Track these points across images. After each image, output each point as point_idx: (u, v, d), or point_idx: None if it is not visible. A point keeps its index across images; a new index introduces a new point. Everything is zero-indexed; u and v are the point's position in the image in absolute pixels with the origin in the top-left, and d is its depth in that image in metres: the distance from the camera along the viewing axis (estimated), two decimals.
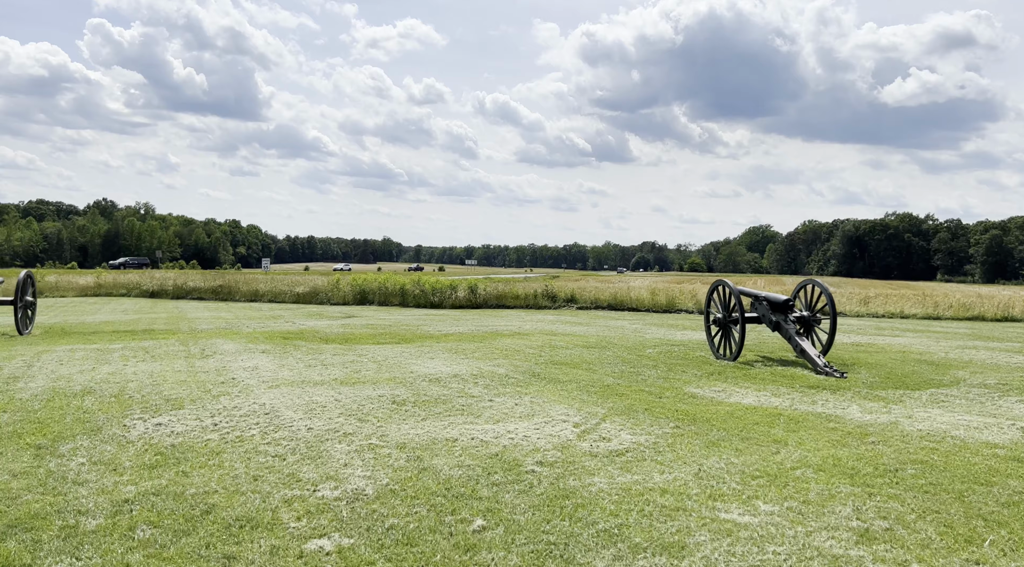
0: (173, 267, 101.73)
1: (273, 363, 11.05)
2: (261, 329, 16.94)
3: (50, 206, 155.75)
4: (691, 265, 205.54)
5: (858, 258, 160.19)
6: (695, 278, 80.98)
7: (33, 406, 7.68)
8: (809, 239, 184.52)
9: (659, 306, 24.95)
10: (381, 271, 77.82)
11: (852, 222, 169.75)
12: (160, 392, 8.50)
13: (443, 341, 14.43)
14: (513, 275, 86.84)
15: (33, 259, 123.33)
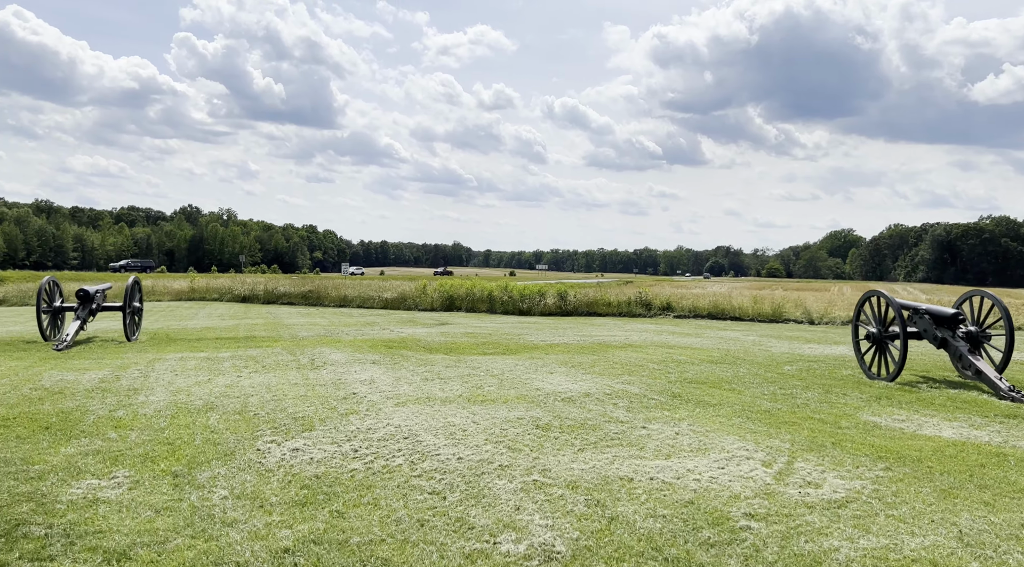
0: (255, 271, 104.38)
1: (388, 376, 10.51)
2: (361, 337, 16.56)
3: (140, 212, 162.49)
4: (769, 270, 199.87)
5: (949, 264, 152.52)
6: (775, 283, 78.21)
7: (159, 424, 7.27)
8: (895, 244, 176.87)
9: (764, 315, 23.62)
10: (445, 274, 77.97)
11: (943, 226, 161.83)
12: (284, 409, 8.01)
13: (552, 352, 13.69)
14: (584, 280, 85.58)
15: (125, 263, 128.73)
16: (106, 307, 15.73)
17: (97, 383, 9.57)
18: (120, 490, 5.28)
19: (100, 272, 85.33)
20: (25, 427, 7.07)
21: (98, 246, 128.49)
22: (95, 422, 7.34)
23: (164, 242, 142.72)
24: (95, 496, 5.13)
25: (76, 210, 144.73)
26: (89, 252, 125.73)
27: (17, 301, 31.89)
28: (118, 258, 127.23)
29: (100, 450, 6.29)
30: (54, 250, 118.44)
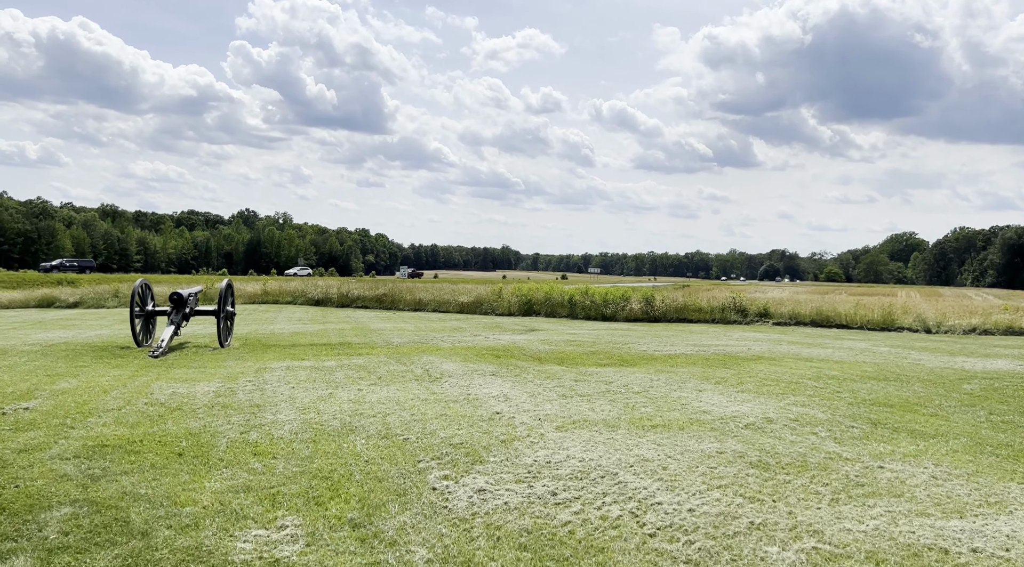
0: (313, 274, 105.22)
1: (518, 391, 9.47)
2: (458, 344, 15.59)
3: (199, 216, 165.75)
4: (828, 274, 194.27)
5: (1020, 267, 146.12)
6: (836, 288, 75.10)
7: (302, 451, 6.33)
8: (961, 247, 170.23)
9: (874, 323, 21.99)
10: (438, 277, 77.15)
11: (1013, 229, 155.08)
12: (431, 432, 7.03)
13: (677, 365, 12.50)
14: (638, 283, 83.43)
15: (185, 266, 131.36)
16: (199, 311, 15.06)
17: (213, 398, 8.74)
18: (297, 546, 4.31)
19: (160, 275, 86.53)
20: (156, 453, 6.21)
21: (160, 249, 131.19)
22: (230, 448, 6.45)
23: (223, 245, 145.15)
24: (273, 556, 4.16)
25: (139, 214, 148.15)
26: (152, 255, 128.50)
27: (93, 303, 31.89)
28: (167, 260, 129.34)
29: (250, 486, 5.36)
30: (119, 253, 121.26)
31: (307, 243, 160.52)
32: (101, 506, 4.85)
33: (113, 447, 6.39)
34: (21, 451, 6.19)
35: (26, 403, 8.17)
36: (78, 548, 4.20)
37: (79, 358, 12.38)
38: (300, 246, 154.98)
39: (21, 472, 5.56)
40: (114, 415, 7.71)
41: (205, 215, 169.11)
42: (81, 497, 5.02)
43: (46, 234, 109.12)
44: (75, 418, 7.52)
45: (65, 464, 5.83)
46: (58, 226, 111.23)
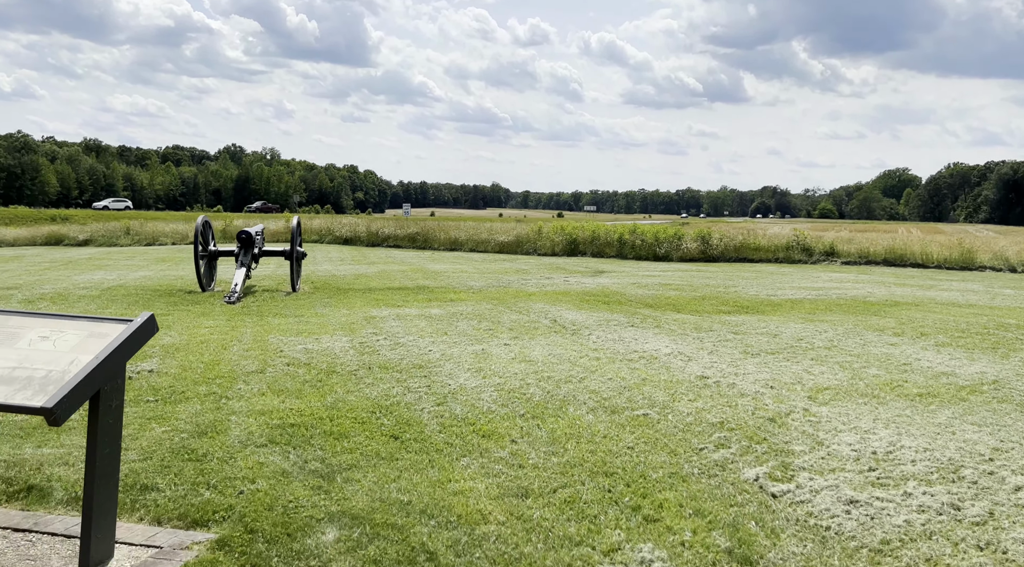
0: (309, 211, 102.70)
1: (687, 347, 8.24)
2: (545, 288, 14.30)
3: (185, 152, 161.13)
4: (821, 211, 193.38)
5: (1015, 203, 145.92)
6: (837, 225, 73.59)
7: (532, 430, 5.07)
8: (956, 183, 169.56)
9: (951, 261, 20.87)
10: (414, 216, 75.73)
11: (1009, 164, 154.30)
12: (663, 404, 5.78)
13: (817, 311, 11.30)
14: (637, 221, 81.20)
15: (174, 203, 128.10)
16: (268, 252, 13.63)
17: (356, 356, 7.44)
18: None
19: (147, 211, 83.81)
20: (366, 436, 4.93)
21: (147, 185, 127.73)
22: (445, 427, 5.19)
23: (211, 181, 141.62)
24: None
25: (123, 149, 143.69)
26: (139, 191, 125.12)
27: (104, 241, 30.21)
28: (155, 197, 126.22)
29: (527, 488, 4.11)
30: (105, 189, 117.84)
31: (296, 180, 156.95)
32: (371, 524, 3.60)
33: (302, 427, 5.11)
34: (198, 434, 4.89)
35: (143, 364, 6.84)
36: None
37: (151, 305, 10.99)
38: (289, 182, 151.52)
39: (226, 469, 4.28)
40: (261, 380, 6.41)
41: (191, 150, 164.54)
42: (336, 510, 3.76)
43: (30, 169, 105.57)
44: (218, 384, 6.22)
45: (270, 455, 4.55)
46: (42, 161, 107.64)
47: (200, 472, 4.22)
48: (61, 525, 3.55)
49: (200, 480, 4.09)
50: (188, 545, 3.37)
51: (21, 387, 3.04)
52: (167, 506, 3.76)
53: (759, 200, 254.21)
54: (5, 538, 3.42)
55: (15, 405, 2.95)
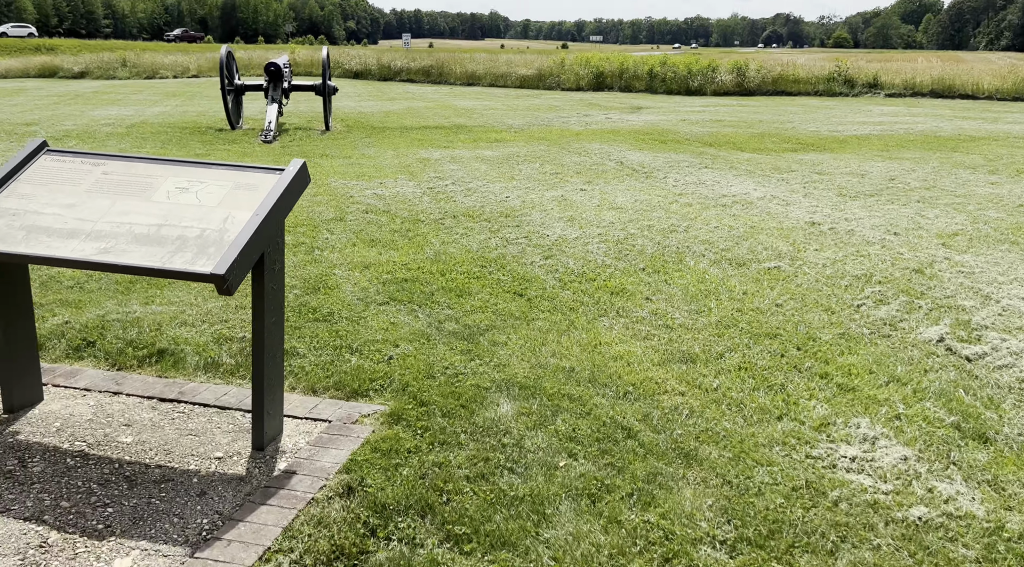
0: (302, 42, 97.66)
1: (772, 189, 7.74)
2: (588, 127, 13.53)
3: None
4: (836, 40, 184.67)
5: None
6: (852, 54, 69.36)
7: (666, 289, 4.70)
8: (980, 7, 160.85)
9: (1004, 92, 19.82)
10: None
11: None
12: (786, 254, 5.38)
13: (889, 148, 10.67)
14: (647, 53, 76.89)
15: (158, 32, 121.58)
16: (298, 86, 12.71)
17: (431, 203, 6.96)
18: (963, 488, 2.81)
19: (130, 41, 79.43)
20: (489, 292, 4.56)
21: (129, 12, 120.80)
22: (567, 282, 4.80)
23: (195, 9, 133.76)
24: (946, 510, 2.66)
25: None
26: (121, 19, 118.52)
27: (101, 73, 28.69)
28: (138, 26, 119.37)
29: (691, 354, 3.79)
30: (85, 17, 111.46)
31: (284, 7, 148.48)
32: (545, 395, 3.28)
33: (417, 282, 4.73)
34: (311, 291, 4.51)
35: None
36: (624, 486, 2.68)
37: (186, 144, 10.33)
38: (278, 11, 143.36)
39: (361, 332, 3.92)
40: (345, 228, 5.97)
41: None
42: (500, 378, 3.45)
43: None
44: (302, 233, 5.77)
45: (399, 315, 4.19)
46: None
47: (335, 334, 3.87)
48: (210, 395, 3.23)
49: (340, 344, 3.75)
50: (357, 418, 3.07)
51: (175, 249, 2.60)
52: (317, 373, 3.44)
53: (771, 28, 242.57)
54: (155, 409, 3.11)
55: (176, 270, 2.52)
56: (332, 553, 2.26)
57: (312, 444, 2.88)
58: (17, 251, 2.62)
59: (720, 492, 2.57)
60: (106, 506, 2.48)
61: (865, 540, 2.32)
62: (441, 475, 2.66)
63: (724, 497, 2.54)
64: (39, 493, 2.53)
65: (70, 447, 2.81)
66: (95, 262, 2.57)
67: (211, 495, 2.56)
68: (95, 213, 2.76)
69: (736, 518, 2.42)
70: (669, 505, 2.49)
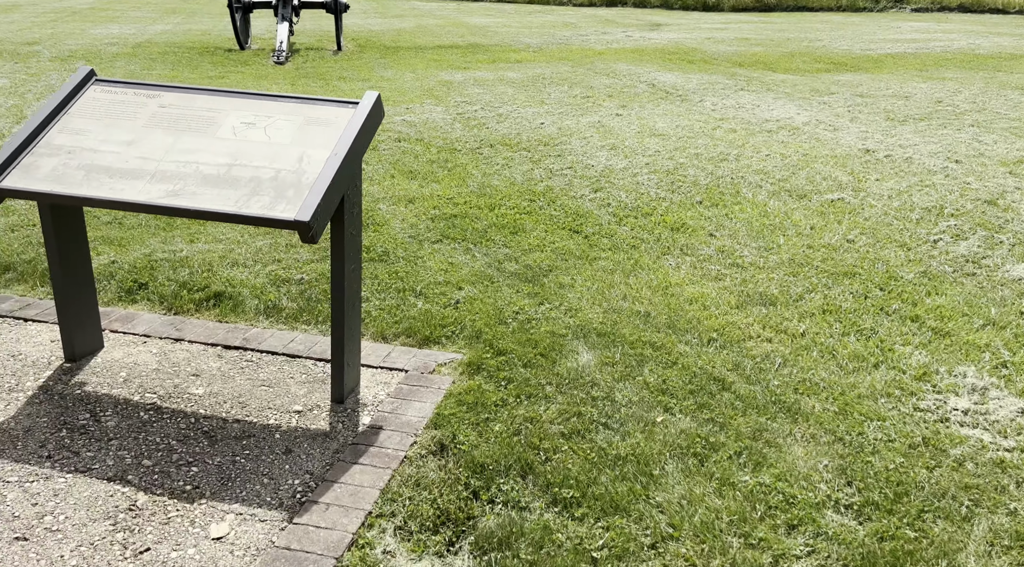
0: None
1: (816, 113, 7.43)
2: (610, 46, 13.00)
3: None
4: None
5: None
6: None
7: (728, 224, 4.50)
8: None
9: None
10: None
11: None
12: (846, 185, 5.14)
13: (927, 67, 10.24)
14: None
15: None
16: (308, 3, 12.13)
17: (463, 130, 6.66)
18: None
19: None
20: (541, 229, 4.36)
21: None
22: (622, 216, 4.60)
23: None
24: None
25: None
26: None
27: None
28: None
29: (771, 295, 3.63)
30: None
31: None
32: (626, 342, 3.13)
33: (467, 218, 4.52)
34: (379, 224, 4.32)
35: None
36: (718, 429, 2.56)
37: (197, 65, 9.90)
38: None
39: (420, 273, 3.74)
40: (380, 158, 5.70)
41: None
42: (574, 323, 3.29)
43: None
44: None
45: (456, 254, 4.00)
46: None
47: (395, 276, 3.70)
48: (276, 342, 3.09)
49: (403, 286, 3.58)
50: (434, 368, 2.93)
51: (250, 192, 2.39)
52: (384, 319, 3.28)
53: None
54: (221, 357, 2.97)
55: (255, 216, 2.32)
56: (437, 518, 2.15)
57: (393, 396, 2.74)
58: (79, 193, 2.42)
59: (833, 450, 2.45)
60: (190, 464, 2.36)
61: (1000, 504, 2.21)
62: (535, 431, 2.53)
63: (838, 456, 2.42)
64: (118, 450, 2.41)
65: (141, 399, 2.67)
66: (165, 206, 2.37)
67: (297, 453, 2.44)
68: (158, 151, 2.54)
69: (857, 479, 2.31)
70: (782, 465, 2.37)
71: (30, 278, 3.55)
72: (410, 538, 2.08)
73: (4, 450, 2.38)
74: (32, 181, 2.47)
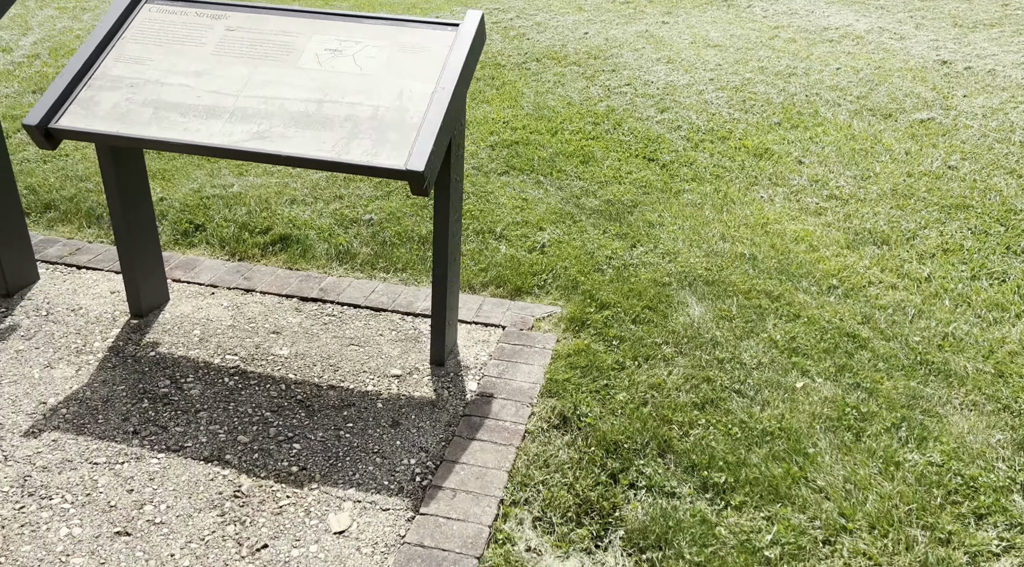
0: None
1: (888, 21, 6.89)
2: None
3: None
4: None
5: None
6: None
7: (816, 150, 4.16)
8: None
9: None
10: None
11: None
12: (954, 107, 4.75)
13: None
14: None
15: None
16: None
17: (506, 43, 6.17)
18: None
19: None
20: (613, 158, 4.02)
21: None
22: (694, 141, 4.25)
23: None
24: None
25: None
26: None
27: None
28: None
29: (886, 234, 3.33)
30: None
31: None
32: (739, 293, 2.86)
33: (530, 145, 4.17)
34: None
35: None
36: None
37: None
38: None
39: (496, 211, 3.43)
40: None
41: None
42: (676, 270, 3.00)
43: None
44: None
45: (527, 188, 3.67)
46: None
47: (468, 215, 3.37)
48: (356, 293, 2.81)
49: (480, 228, 3.27)
50: (532, 324, 2.67)
51: (348, 134, 2.06)
52: (469, 266, 2.99)
53: None
54: (299, 310, 2.70)
55: (357, 164, 2.00)
56: (579, 507, 1.93)
57: (496, 357, 2.50)
58: (149, 135, 2.09)
59: (1001, 421, 2.22)
60: (290, 440, 2.13)
61: None
62: (663, 401, 2.29)
63: (1010, 428, 2.19)
64: (209, 424, 2.18)
65: (222, 362, 2.43)
66: (252, 151, 2.05)
67: (406, 425, 2.21)
68: (233, 84, 2.20)
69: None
70: (949, 440, 2.14)
71: (74, 217, 3.25)
72: (552, 531, 1.87)
73: (85, 425, 2.15)
74: (93, 120, 2.14)
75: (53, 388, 2.27)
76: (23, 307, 2.64)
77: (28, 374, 2.33)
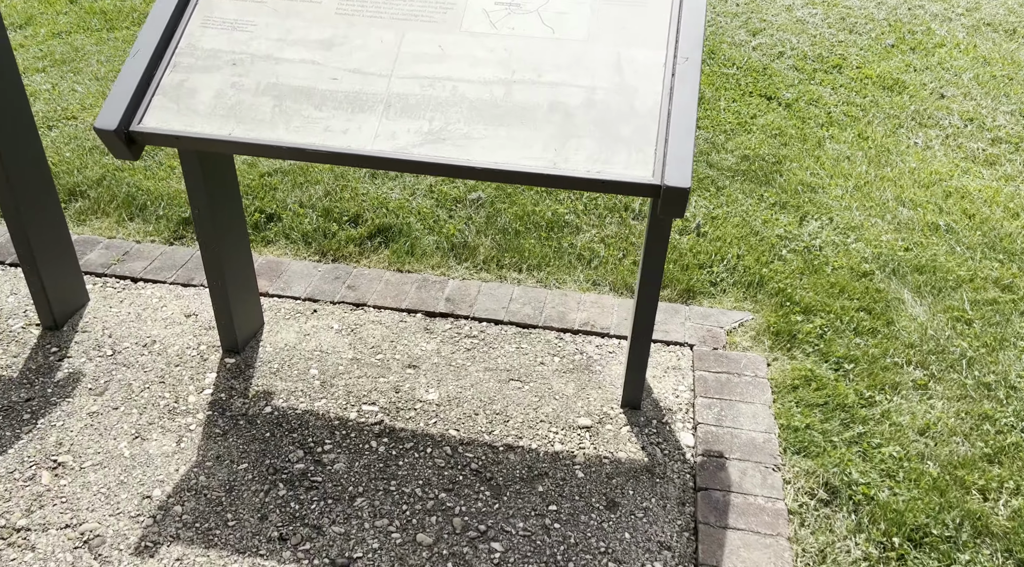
0: None
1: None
2: None
3: None
4: None
5: None
6: None
7: (1002, 88, 3.58)
8: None
9: None
10: None
11: None
12: None
13: None
14: None
15: None
16: None
17: None
18: None
19: None
20: (760, 110, 3.41)
21: None
22: (807, 72, 3.64)
23: None
24: None
25: None
26: None
27: None
28: None
29: None
30: None
31: None
32: (957, 281, 2.37)
33: None
34: None
35: None
36: None
37: None
38: None
39: None
40: None
41: None
42: (870, 253, 2.48)
43: None
44: None
45: None
46: None
47: None
48: (491, 303, 2.25)
49: (612, 202, 2.69)
50: (725, 340, 2.15)
51: (559, 132, 1.47)
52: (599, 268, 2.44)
53: None
54: (429, 331, 2.14)
55: (589, 178, 1.42)
56: None
57: (701, 394, 1.98)
58: (279, 141, 1.46)
59: None
60: (487, 538, 1.62)
61: None
62: (947, 455, 1.80)
63: None
64: (374, 519, 1.65)
65: (360, 417, 1.88)
66: (430, 162, 1.45)
67: (627, 507, 1.71)
68: (379, 59, 1.56)
69: None
70: None
71: (110, 208, 2.60)
72: None
73: (213, 530, 1.62)
74: (192, 117, 1.50)
75: (154, 473, 1.73)
76: (80, 344, 2.05)
77: (115, 451, 1.77)
